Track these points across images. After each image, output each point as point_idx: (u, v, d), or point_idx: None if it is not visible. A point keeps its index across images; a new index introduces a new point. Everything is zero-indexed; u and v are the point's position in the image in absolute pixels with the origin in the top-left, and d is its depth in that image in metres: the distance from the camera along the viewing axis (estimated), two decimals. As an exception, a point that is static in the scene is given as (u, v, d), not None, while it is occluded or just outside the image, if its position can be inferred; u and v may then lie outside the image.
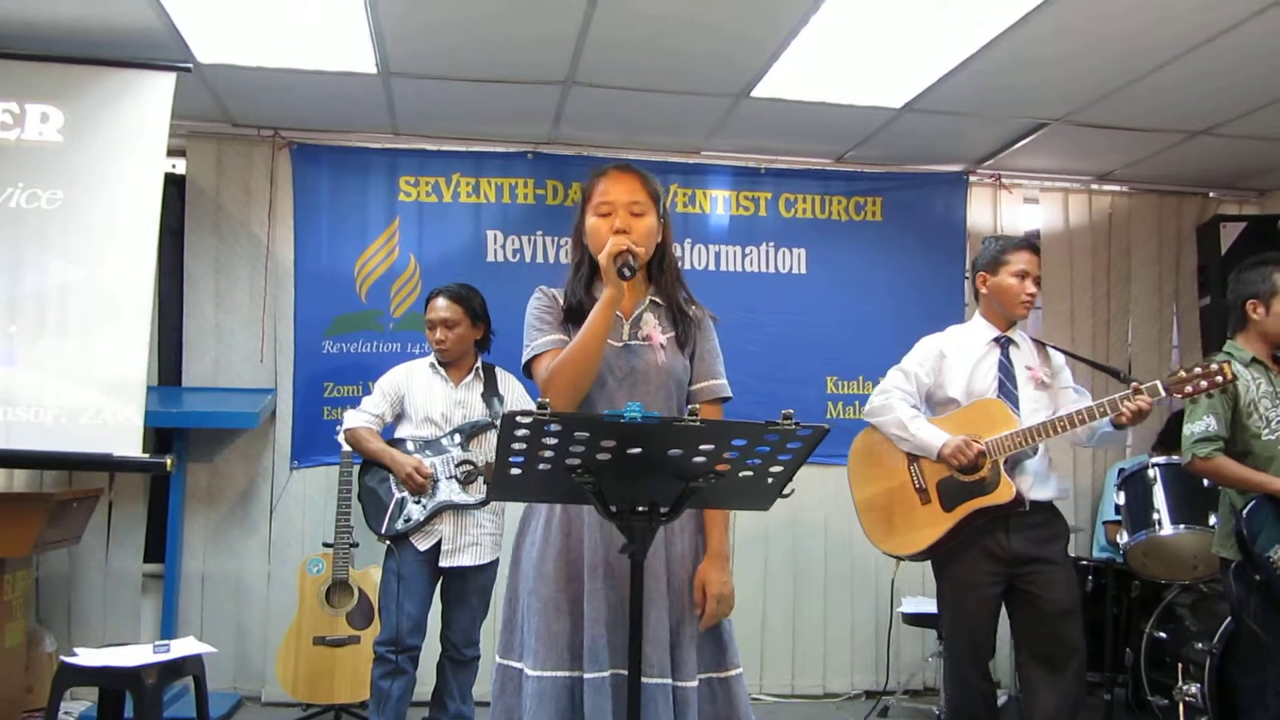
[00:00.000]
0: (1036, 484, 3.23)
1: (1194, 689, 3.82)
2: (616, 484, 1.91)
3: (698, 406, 1.82)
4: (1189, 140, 4.79)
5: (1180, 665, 3.95)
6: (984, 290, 3.40)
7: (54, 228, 3.77)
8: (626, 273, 2.16)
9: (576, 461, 1.85)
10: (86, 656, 3.22)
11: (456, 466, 3.68)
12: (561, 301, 2.35)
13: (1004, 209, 5.39)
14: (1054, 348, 3.50)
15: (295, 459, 4.81)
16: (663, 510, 1.95)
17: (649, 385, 2.29)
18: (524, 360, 2.32)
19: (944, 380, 3.36)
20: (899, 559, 3.53)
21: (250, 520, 4.82)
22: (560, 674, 2.16)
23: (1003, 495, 3.13)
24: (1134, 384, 3.05)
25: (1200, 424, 3.28)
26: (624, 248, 2.16)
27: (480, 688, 4.07)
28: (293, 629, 4.28)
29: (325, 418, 4.73)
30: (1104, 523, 4.99)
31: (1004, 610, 3.31)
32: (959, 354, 3.36)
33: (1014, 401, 3.26)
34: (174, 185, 4.82)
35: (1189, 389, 3.01)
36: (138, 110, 3.86)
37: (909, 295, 5.13)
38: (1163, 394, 3.06)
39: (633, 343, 2.30)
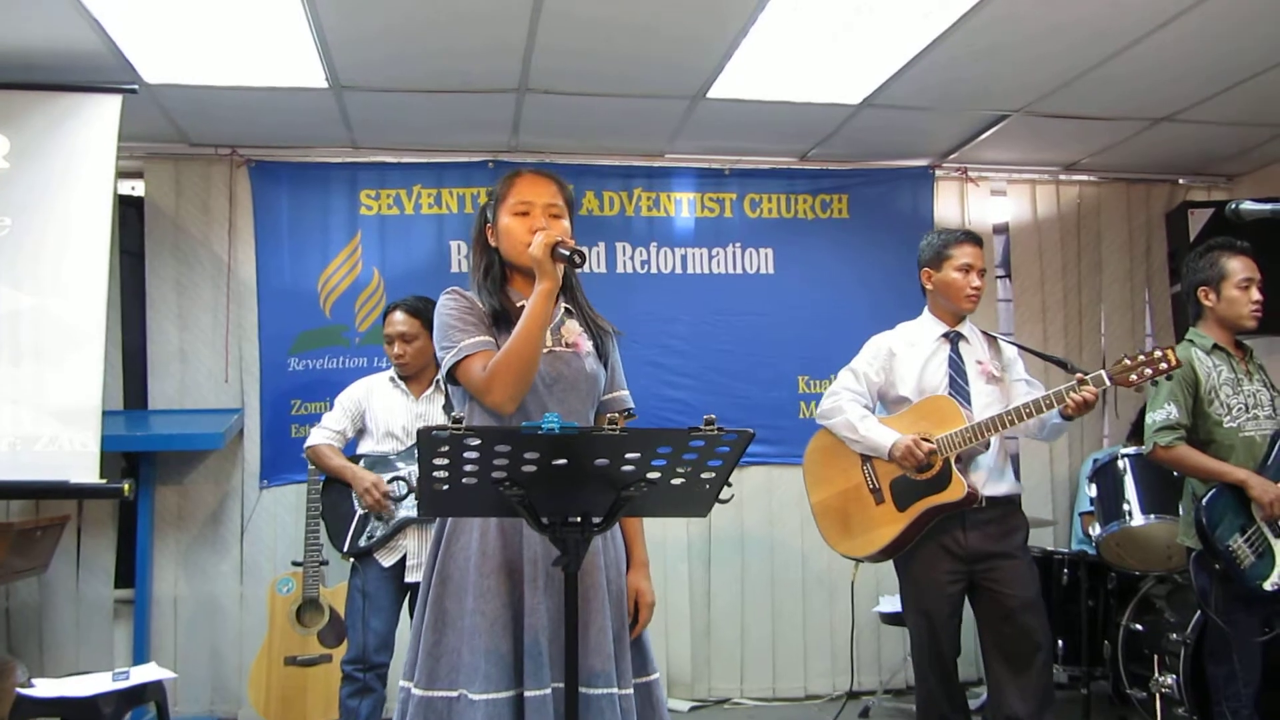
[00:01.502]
0: (991, 479, 3.22)
1: (1170, 680, 3.79)
2: (547, 495, 1.88)
3: (618, 415, 1.77)
4: (1152, 128, 4.77)
5: (1156, 657, 3.92)
6: (929, 286, 3.39)
7: (3, 255, 3.74)
8: (578, 259, 2.14)
9: (503, 475, 1.82)
10: (44, 687, 3.19)
11: (389, 483, 3.64)
12: (480, 304, 2.27)
13: (971, 202, 5.37)
14: (1005, 340, 3.48)
15: (264, 478, 4.78)
16: (595, 520, 1.92)
17: (578, 392, 2.27)
18: (448, 364, 2.21)
19: (895, 379, 3.35)
20: (857, 560, 3.52)
21: (221, 541, 4.78)
22: (510, 694, 2.09)
23: (955, 493, 3.12)
24: (1078, 375, 3.04)
25: (1161, 412, 3.26)
26: (556, 238, 2.14)
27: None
28: (264, 650, 4.25)
29: (293, 435, 4.70)
30: (1080, 514, 4.96)
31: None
32: (909, 351, 3.35)
33: (965, 397, 3.25)
34: (133, 207, 4.81)
35: (1133, 378, 3.00)
36: (84, 133, 3.83)
37: (880, 292, 5.09)
38: (1107, 384, 3.05)
39: (558, 349, 2.26)
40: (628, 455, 1.80)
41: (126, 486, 3.74)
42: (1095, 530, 4.10)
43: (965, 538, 3.17)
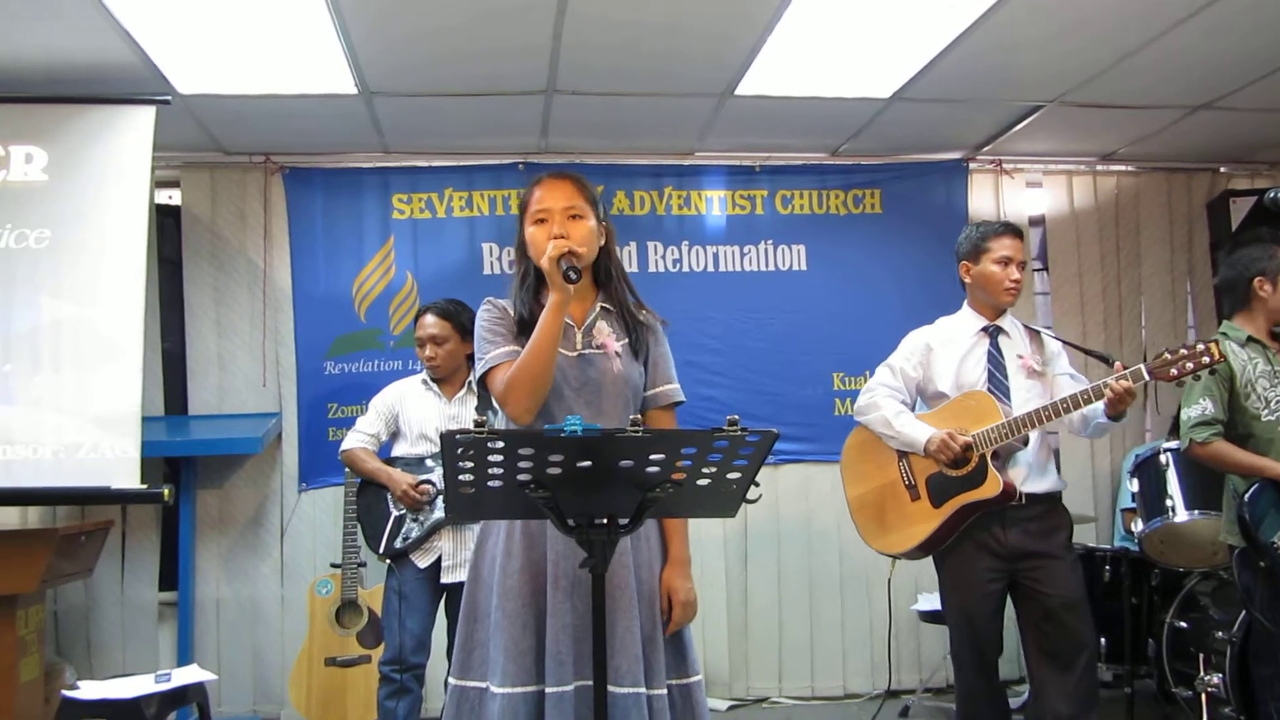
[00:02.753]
0: (1032, 476, 3.16)
1: (1216, 679, 3.71)
2: (573, 497, 1.88)
3: (638, 416, 1.77)
4: (1191, 115, 4.68)
5: (1202, 655, 3.84)
6: (968, 279, 3.33)
7: (43, 266, 3.80)
8: (573, 275, 2.16)
9: (527, 477, 1.83)
10: (88, 689, 3.24)
11: (415, 488, 3.66)
12: (512, 313, 2.32)
13: (1006, 194, 5.30)
14: (1048, 334, 3.42)
15: (303, 481, 4.84)
16: (622, 522, 1.92)
17: (606, 394, 2.27)
18: (478, 374, 2.30)
19: (932, 374, 3.30)
20: (893, 557, 3.49)
21: (262, 544, 4.84)
22: (529, 689, 2.13)
23: (990, 489, 3.07)
24: (1118, 366, 2.98)
25: (1196, 408, 3.20)
26: (564, 250, 2.16)
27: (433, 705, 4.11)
28: (304, 651, 4.29)
29: (330, 438, 4.74)
30: (1122, 510, 4.88)
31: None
32: (946, 346, 3.30)
33: (1005, 392, 3.19)
34: (170, 216, 4.89)
35: (1174, 371, 2.92)
36: (119, 145, 3.88)
37: (913, 287, 5.04)
38: (1146, 378, 2.98)
39: (587, 352, 2.28)
40: (652, 456, 1.80)
41: (167, 491, 3.79)
42: (1138, 526, 4.02)
43: (1005, 535, 3.12)
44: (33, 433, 3.71)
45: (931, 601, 4.58)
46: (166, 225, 4.88)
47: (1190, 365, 2.91)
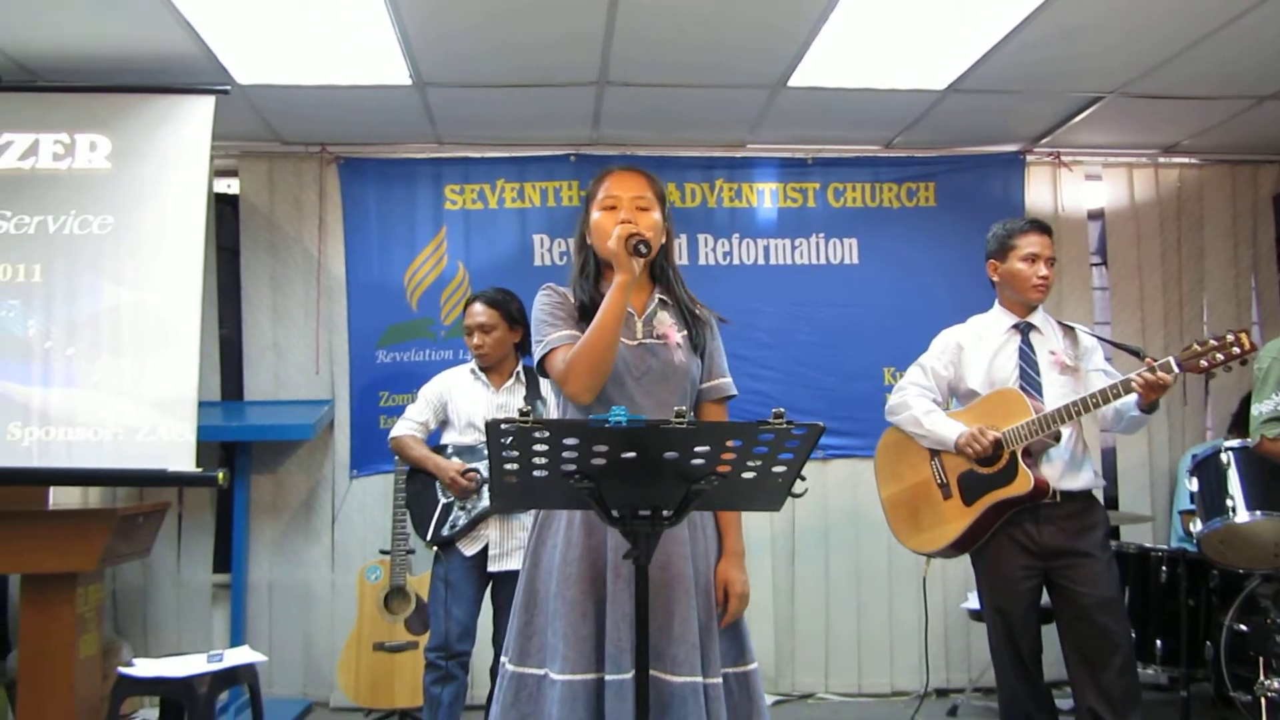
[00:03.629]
0: (1066, 473, 3.13)
1: (1277, 684, 3.62)
2: (618, 488, 1.88)
3: (683, 408, 1.76)
4: (1257, 106, 4.56)
5: (1262, 659, 3.75)
6: (995, 278, 3.34)
7: (105, 252, 3.89)
8: (643, 249, 2.17)
9: (572, 467, 1.83)
10: (143, 667, 3.31)
11: (462, 475, 3.68)
12: (572, 299, 2.34)
13: (1065, 188, 5.21)
14: (1083, 329, 3.37)
15: (354, 468, 4.89)
16: (666, 514, 1.92)
17: (667, 384, 2.28)
18: (537, 357, 2.32)
19: (964, 372, 3.30)
20: (927, 556, 3.48)
21: (313, 529, 4.91)
22: (589, 676, 2.14)
23: (1021, 486, 3.06)
24: (1148, 361, 2.95)
25: (1269, 403, 3.13)
26: (633, 230, 2.19)
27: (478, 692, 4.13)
28: (353, 636, 4.36)
29: (381, 426, 4.79)
30: (1180, 512, 4.78)
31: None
32: (977, 344, 3.30)
33: (1037, 389, 3.18)
34: (229, 205, 4.98)
35: (1204, 363, 2.89)
36: (180, 134, 3.96)
37: (967, 282, 4.90)
38: (1176, 370, 2.93)
39: (648, 341, 2.30)
40: (697, 448, 1.79)
41: (221, 475, 3.85)
42: (1196, 527, 3.93)
43: (1039, 533, 3.10)
44: (94, 415, 3.79)
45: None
46: (225, 214, 4.98)
47: (1220, 356, 2.87)
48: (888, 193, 5.13)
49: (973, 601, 4.61)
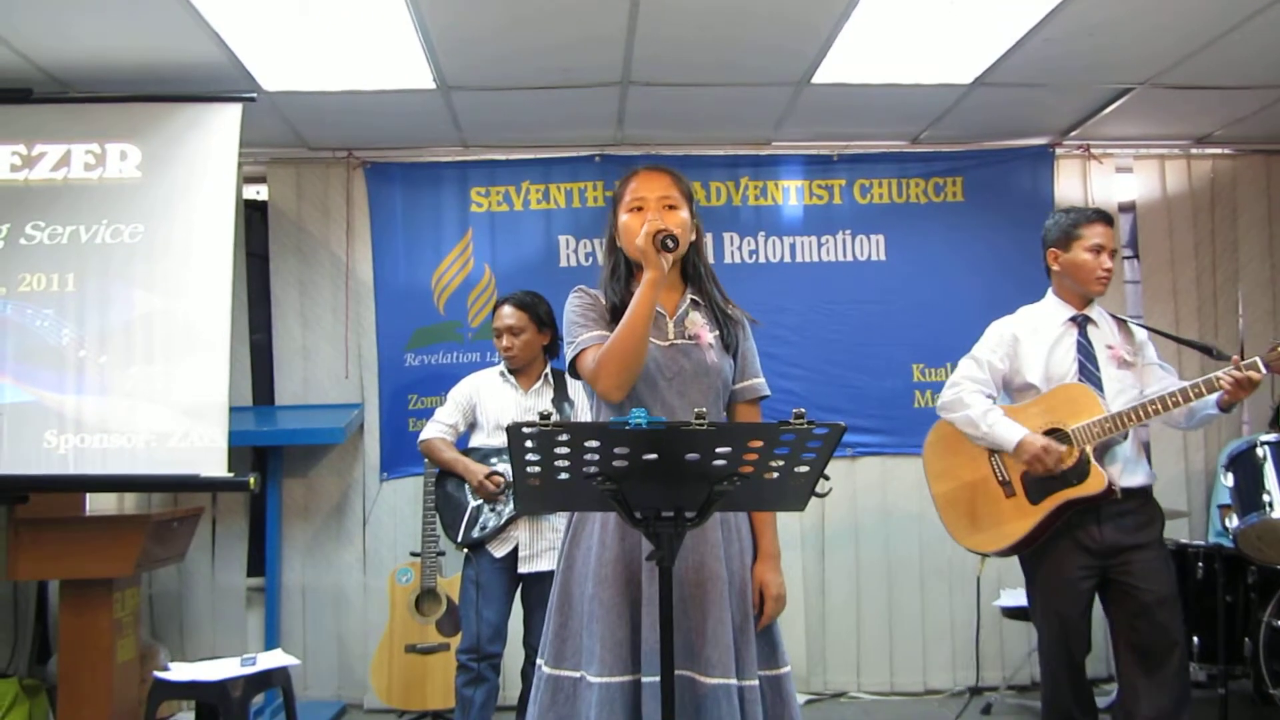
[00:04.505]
0: (1127, 470, 3.05)
1: (1317, 682, 3.57)
2: (641, 490, 1.88)
3: (703, 410, 1.76)
4: (1292, 94, 4.49)
5: (1302, 656, 3.70)
6: (1056, 267, 3.21)
7: (136, 260, 3.94)
8: (670, 244, 2.17)
9: (594, 469, 1.83)
10: (178, 671, 3.35)
11: (489, 478, 3.69)
12: (604, 301, 2.35)
13: (1095, 180, 5.15)
14: (1137, 323, 3.31)
15: (384, 471, 4.93)
16: (689, 515, 1.92)
17: (699, 385, 2.28)
18: (569, 358, 2.32)
19: (1020, 365, 3.19)
20: (985, 555, 3.39)
21: (345, 532, 4.95)
22: (625, 679, 2.14)
23: (1093, 485, 2.96)
24: (1234, 359, 2.85)
25: None
26: (660, 227, 2.18)
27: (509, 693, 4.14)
28: (385, 638, 4.38)
29: (411, 429, 4.82)
30: (1218, 506, 4.71)
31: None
32: (1033, 337, 3.19)
33: (1096, 384, 3.08)
34: (258, 211, 5.03)
35: None
36: (208, 141, 4.01)
37: (996, 277, 4.92)
38: (1263, 370, 2.85)
39: (679, 341, 2.29)
40: (718, 449, 1.79)
41: (252, 480, 3.90)
42: (1233, 522, 3.88)
43: (1100, 532, 3.01)
44: (127, 422, 3.85)
45: (1014, 598, 4.48)
46: (254, 220, 5.03)
47: None
48: (915, 188, 5.10)
49: (1006, 599, 4.58)
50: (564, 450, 1.78)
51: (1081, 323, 3.19)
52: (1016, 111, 4.72)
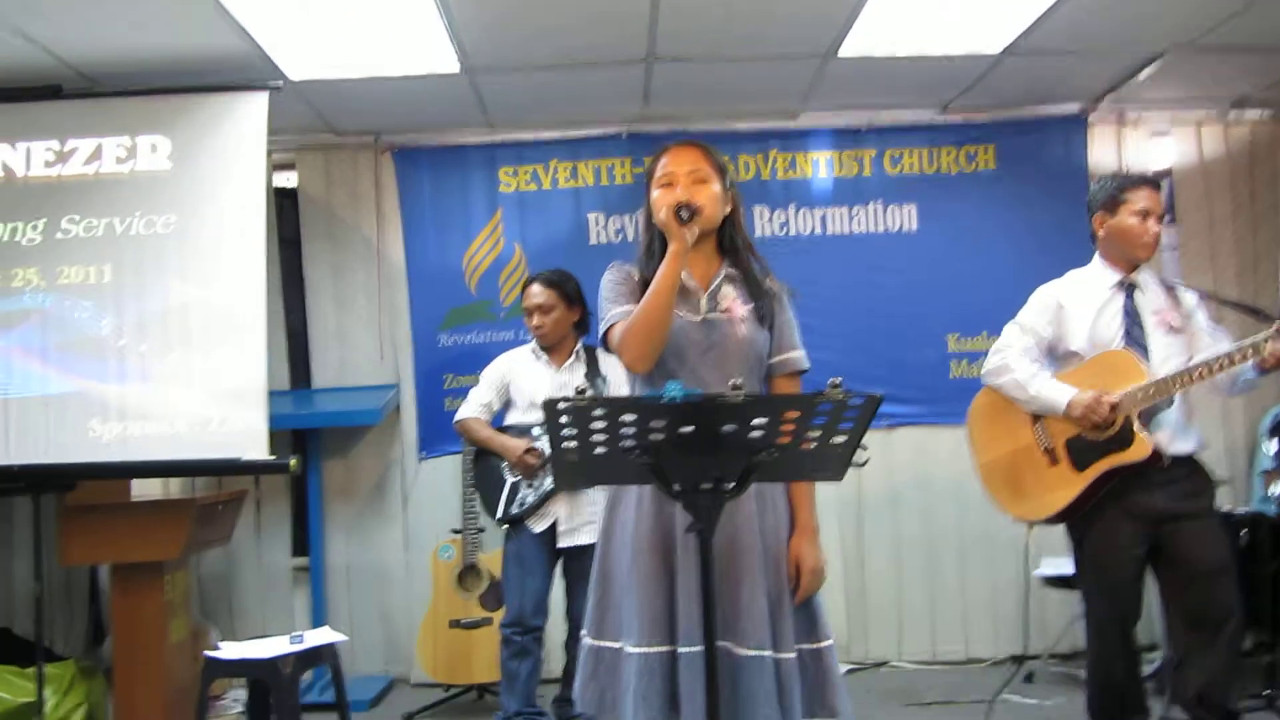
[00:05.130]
0: (1176, 437, 3.00)
1: (1362, 647, 3.53)
2: (678, 462, 1.89)
3: (739, 380, 1.77)
4: (1331, 54, 4.39)
5: (1348, 622, 3.66)
6: (1102, 232, 3.15)
7: (170, 250, 4.00)
8: (685, 214, 2.18)
9: (631, 443, 1.84)
10: (229, 650, 3.42)
11: (527, 453, 3.72)
12: (636, 276, 2.35)
13: (1129, 146, 5.08)
14: (1185, 288, 3.24)
15: (423, 450, 4.98)
16: (727, 486, 1.93)
17: (731, 359, 2.27)
18: (601, 332, 2.34)
19: (1065, 332, 3.14)
20: (1031, 524, 3.37)
21: (385, 511, 5.01)
22: (663, 649, 2.16)
23: (1138, 452, 2.92)
24: (1278, 324, 2.78)
25: None
26: (678, 199, 2.20)
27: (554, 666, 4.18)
28: (429, 614, 4.45)
29: (447, 408, 4.84)
30: (1262, 473, 4.66)
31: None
32: (1079, 303, 3.14)
33: (1143, 350, 3.03)
34: (289, 198, 5.07)
35: None
36: (236, 130, 4.05)
37: (1030, 244, 4.88)
38: None
39: (711, 316, 2.29)
40: (754, 421, 1.79)
41: (293, 462, 3.96)
42: (1275, 489, 3.84)
43: (1149, 499, 2.97)
44: (169, 408, 3.92)
45: (1055, 567, 4.47)
46: (285, 207, 5.07)
47: None
48: (946, 157, 5.05)
49: (1047, 568, 4.56)
50: (600, 425, 1.79)
51: (1128, 288, 3.13)
52: (1048, 79, 4.66)
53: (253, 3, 3.54)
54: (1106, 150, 5.08)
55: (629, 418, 1.79)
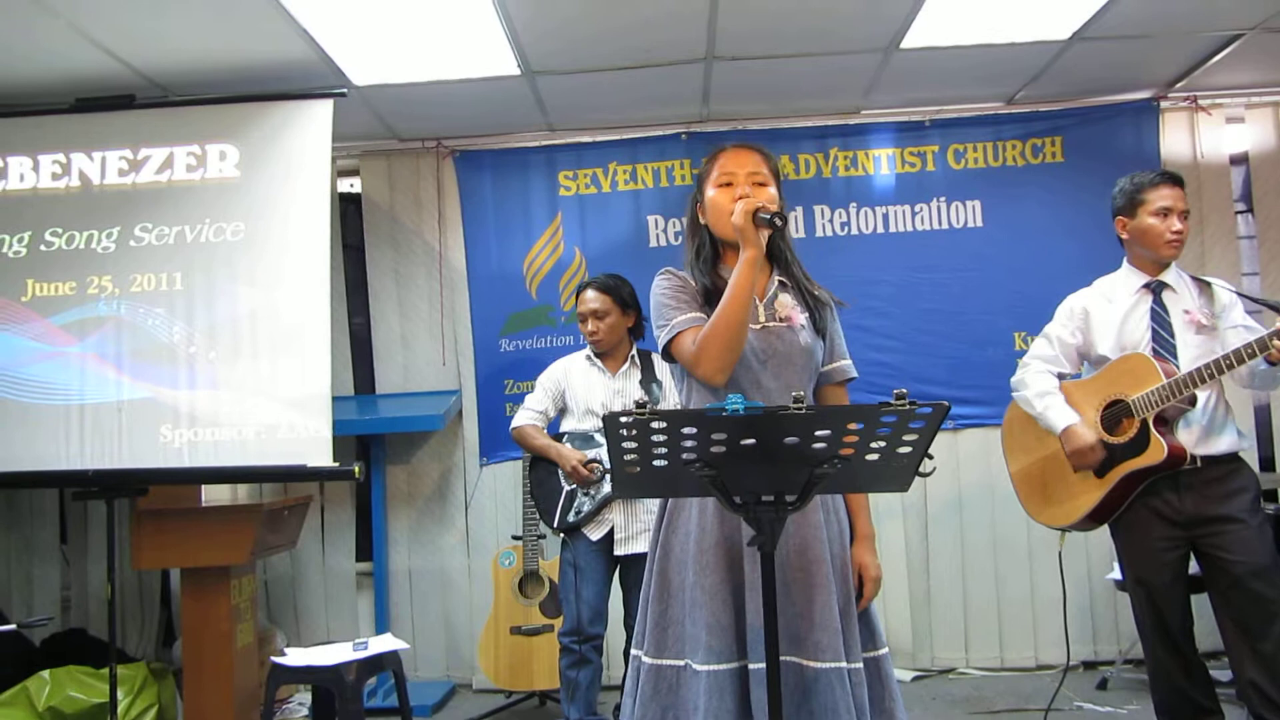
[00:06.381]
0: (1205, 437, 2.99)
1: None
2: (739, 474, 1.86)
3: (801, 393, 1.73)
4: None
5: None
6: (1125, 235, 3.18)
7: (238, 257, 4.06)
8: (779, 222, 2.13)
9: (692, 456, 1.82)
10: (294, 656, 3.46)
11: (584, 465, 3.70)
12: (693, 283, 2.31)
13: (1203, 133, 4.91)
14: (1220, 284, 3.18)
15: (484, 456, 5.00)
16: (789, 499, 1.89)
17: (793, 367, 2.25)
18: (663, 341, 2.28)
19: (1093, 338, 3.17)
20: (1062, 530, 3.37)
21: (447, 517, 5.04)
22: (733, 665, 2.12)
23: (1154, 455, 2.94)
24: None
25: None
26: (756, 203, 2.14)
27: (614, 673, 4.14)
28: (491, 620, 4.46)
29: (507, 414, 4.85)
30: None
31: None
32: (1106, 308, 3.16)
33: (1171, 351, 3.03)
34: (353, 204, 5.13)
35: None
36: (302, 137, 4.10)
37: (1100, 238, 4.63)
38: None
39: (771, 324, 2.26)
40: (817, 432, 1.76)
41: (357, 469, 3.99)
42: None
43: (1180, 501, 2.98)
44: (237, 415, 3.98)
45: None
46: (349, 212, 5.13)
47: None
48: (1012, 150, 4.94)
49: (1117, 572, 4.42)
50: (661, 438, 1.77)
51: (1156, 289, 3.13)
52: (1118, 65, 4.53)
53: (319, 10, 3.59)
54: (1179, 138, 4.93)
55: (690, 430, 1.76)
